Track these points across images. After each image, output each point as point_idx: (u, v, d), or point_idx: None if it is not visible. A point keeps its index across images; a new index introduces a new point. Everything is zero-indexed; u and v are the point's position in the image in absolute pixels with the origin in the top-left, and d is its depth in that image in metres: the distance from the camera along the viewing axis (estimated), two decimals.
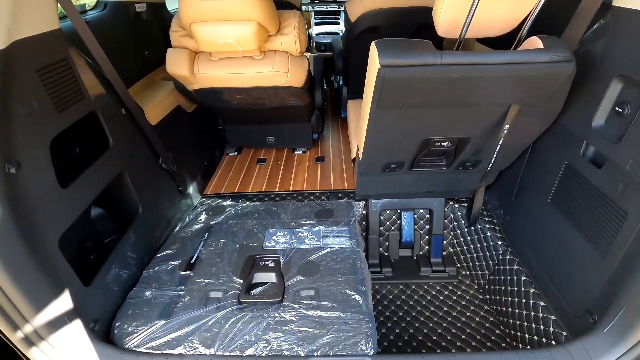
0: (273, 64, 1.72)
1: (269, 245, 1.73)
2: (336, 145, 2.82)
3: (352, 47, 2.42)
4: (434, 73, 1.10)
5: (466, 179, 1.87)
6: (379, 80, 1.13)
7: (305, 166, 2.57)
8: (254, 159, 2.69)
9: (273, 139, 2.65)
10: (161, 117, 1.89)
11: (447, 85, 1.15)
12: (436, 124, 1.39)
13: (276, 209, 1.99)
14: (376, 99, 1.22)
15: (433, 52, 1.09)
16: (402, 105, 1.25)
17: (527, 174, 1.66)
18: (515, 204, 1.76)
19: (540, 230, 1.54)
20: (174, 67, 1.72)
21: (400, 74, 1.10)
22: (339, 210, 1.96)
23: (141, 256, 1.65)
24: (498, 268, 1.83)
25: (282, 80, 1.79)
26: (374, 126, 1.39)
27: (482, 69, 1.09)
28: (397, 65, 1.09)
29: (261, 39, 1.60)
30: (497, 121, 1.37)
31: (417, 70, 1.09)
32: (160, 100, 1.91)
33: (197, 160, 2.34)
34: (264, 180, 2.42)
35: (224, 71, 1.71)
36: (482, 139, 1.49)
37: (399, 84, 1.14)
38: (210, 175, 2.48)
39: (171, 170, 1.89)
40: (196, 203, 2.20)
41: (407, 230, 2.13)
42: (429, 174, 1.82)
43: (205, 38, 1.55)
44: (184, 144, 2.17)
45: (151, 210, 1.73)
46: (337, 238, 1.76)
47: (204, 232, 1.83)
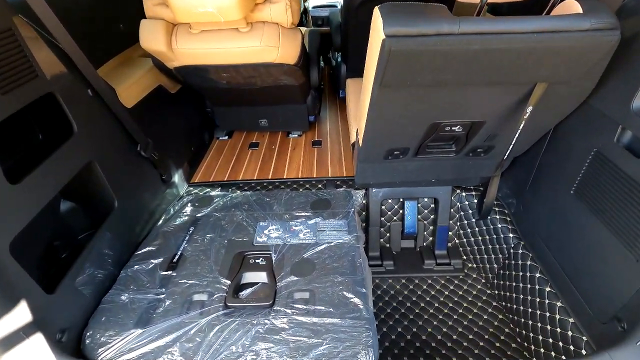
0: (261, 37, 1.51)
1: (260, 240, 1.57)
2: (334, 128, 2.63)
3: (351, 20, 2.20)
4: (450, 44, 0.91)
5: (476, 166, 1.70)
6: (383, 53, 0.94)
7: (301, 151, 2.39)
8: (246, 143, 2.51)
9: (266, 121, 2.46)
10: (138, 99, 1.70)
11: (465, 60, 0.96)
12: (447, 105, 1.21)
13: (268, 199, 1.83)
14: (379, 77, 1.03)
15: (449, 19, 0.90)
16: (409, 85, 1.07)
17: (545, 161, 1.49)
18: (529, 194, 1.60)
19: (560, 224, 1.38)
20: (148, 42, 1.51)
21: (409, 46, 0.92)
22: (336, 201, 1.80)
23: (119, 253, 1.50)
24: (508, 262, 1.69)
25: (272, 56, 1.59)
26: (375, 109, 1.20)
27: (508, 39, 0.90)
28: (405, 35, 0.90)
29: (246, 7, 1.39)
30: (517, 102, 1.19)
31: (429, 41, 0.91)
32: (137, 79, 1.71)
33: (182, 146, 2.16)
34: (256, 166, 2.24)
35: (206, 45, 1.51)
36: (498, 122, 1.32)
37: (407, 58, 0.95)
38: (198, 162, 2.30)
39: (151, 158, 1.71)
40: (182, 192, 2.04)
41: (410, 221, 1.98)
42: (435, 161, 1.65)
43: (181, 6, 1.33)
44: (167, 128, 1.98)
45: (129, 203, 1.57)
46: (335, 232, 1.60)
47: (189, 225, 1.68)
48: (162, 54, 1.58)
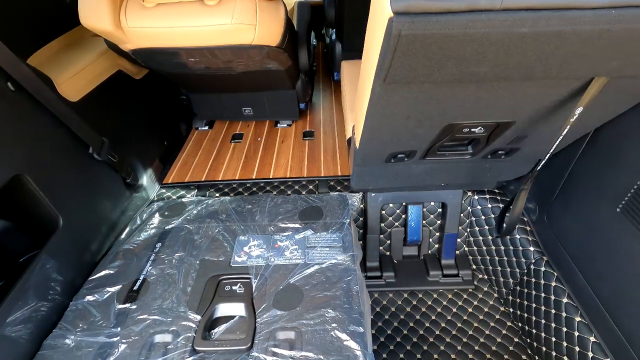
0: (233, 13, 1.20)
1: (238, 261, 1.33)
2: (327, 116, 2.33)
3: None
4: (488, 25, 0.63)
5: (494, 169, 1.44)
6: (389, 38, 0.66)
7: (290, 143, 2.11)
8: (228, 134, 2.22)
9: (250, 110, 2.16)
10: (89, 89, 1.40)
11: (506, 47, 0.68)
12: (468, 104, 0.94)
13: (250, 206, 1.57)
14: (382, 70, 0.75)
15: None
16: (422, 81, 0.79)
17: (581, 168, 1.23)
18: (557, 204, 1.35)
19: (599, 245, 1.14)
20: (89, 19, 1.20)
21: (427, 28, 0.63)
22: (329, 208, 1.54)
23: (69, 279, 1.26)
24: (527, 279, 1.46)
25: (249, 37, 1.28)
26: (376, 108, 0.93)
27: (573, 18, 0.62)
28: (421, 11, 0.62)
29: None
30: (562, 99, 0.92)
31: (457, 20, 0.62)
32: (87, 65, 1.40)
33: (152, 141, 1.87)
34: (239, 163, 1.97)
35: (163, 23, 1.20)
36: (531, 122, 1.04)
37: (423, 46, 0.67)
38: (173, 158, 2.02)
39: (109, 161, 1.44)
40: (152, 196, 1.77)
41: (414, 227, 1.74)
42: (446, 163, 1.38)
43: None
44: (131, 122, 1.69)
45: (79, 218, 1.31)
46: (327, 249, 1.36)
47: (156, 241, 1.43)
48: (109, 34, 1.28)
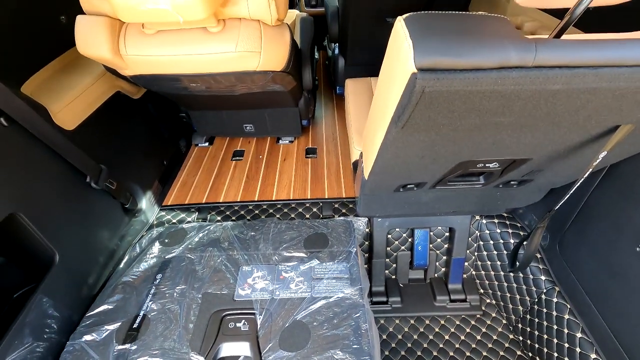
0: (237, 40, 1.15)
1: (242, 294, 1.28)
2: (330, 132, 2.29)
3: (351, 7, 1.83)
4: (518, 82, 0.59)
5: (505, 197, 1.40)
6: (411, 93, 0.62)
7: (292, 161, 2.06)
8: (229, 151, 2.17)
9: (251, 126, 2.11)
10: (86, 115, 1.35)
11: (535, 101, 0.64)
12: (485, 145, 0.90)
13: (253, 233, 1.53)
14: (400, 120, 0.71)
15: (518, 42, 0.57)
16: (441, 128, 0.75)
17: (596, 200, 1.20)
18: (570, 235, 1.31)
19: (618, 284, 1.11)
20: (86, 46, 1.14)
21: (453, 85, 0.59)
22: (334, 234, 1.50)
23: (66, 315, 1.21)
24: (538, 309, 1.42)
25: (253, 64, 1.23)
26: (390, 148, 0.89)
27: (610, 75, 0.58)
28: (447, 68, 0.57)
29: (214, 2, 1.03)
30: (584, 142, 0.88)
31: (485, 78, 0.58)
32: (85, 89, 1.35)
33: (151, 162, 1.82)
34: (240, 183, 1.92)
35: (164, 51, 1.14)
36: (550, 160, 1.01)
37: (447, 100, 0.63)
38: (173, 178, 1.97)
39: (106, 188, 1.38)
40: (152, 219, 1.72)
41: (421, 252, 1.70)
42: (455, 191, 1.35)
43: (120, 1, 0.97)
44: (129, 144, 1.63)
45: (76, 252, 1.25)
46: (334, 280, 1.32)
47: (156, 272, 1.38)
48: (107, 62, 1.22)
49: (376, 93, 0.88)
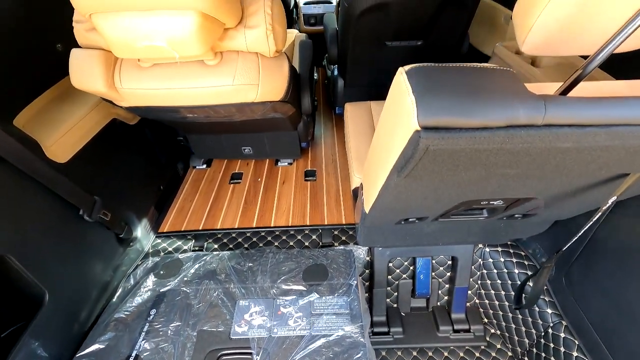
0: (234, 73, 1.13)
1: (239, 331, 1.24)
2: (329, 154, 2.26)
3: (350, 31, 1.81)
4: (527, 141, 0.56)
5: (508, 228, 1.37)
6: (414, 148, 0.59)
7: (291, 185, 2.03)
8: (227, 174, 2.14)
9: (250, 149, 2.08)
10: (80, 145, 1.32)
11: (544, 157, 0.61)
12: (490, 189, 0.87)
13: (250, 263, 1.49)
14: (402, 170, 0.68)
15: (527, 99, 0.54)
16: (445, 177, 0.72)
17: (604, 234, 1.16)
18: (577, 268, 1.28)
19: (628, 322, 1.07)
20: (81, 80, 1.12)
21: (458, 144, 0.56)
22: (334, 265, 1.46)
23: (57, 355, 1.16)
24: (545, 343, 1.38)
25: (251, 96, 1.21)
26: (391, 193, 0.86)
27: (623, 133, 0.55)
28: (452, 127, 0.55)
29: (211, 37, 1.01)
30: (594, 185, 0.85)
31: (492, 136, 0.55)
32: (79, 120, 1.32)
33: (147, 188, 1.78)
34: (238, 208, 1.88)
35: (160, 84, 1.12)
36: (555, 199, 0.98)
37: (451, 156, 0.60)
38: (169, 203, 1.93)
39: (101, 220, 1.35)
40: (147, 248, 1.68)
41: (423, 280, 1.65)
42: (458, 223, 1.31)
43: (115, 38, 0.95)
44: (125, 171, 1.60)
45: (67, 289, 1.21)
46: (334, 317, 1.27)
47: (150, 307, 1.33)
48: (103, 95, 1.20)
49: (377, 134, 0.86)
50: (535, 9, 0.56)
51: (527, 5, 0.59)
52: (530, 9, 0.57)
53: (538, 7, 0.55)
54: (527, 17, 0.58)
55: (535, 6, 0.56)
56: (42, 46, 1.32)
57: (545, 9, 0.54)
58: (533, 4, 0.56)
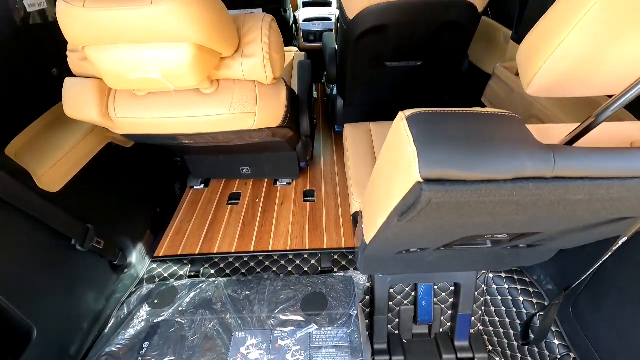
0: (231, 102, 1.11)
1: None
2: (329, 173, 2.24)
3: (350, 51, 1.80)
4: (536, 194, 0.53)
5: (513, 255, 1.33)
6: (416, 199, 0.56)
7: (290, 206, 2.00)
8: (225, 194, 2.10)
9: (248, 169, 2.06)
10: (74, 173, 1.29)
11: (554, 209, 0.58)
12: (494, 227, 0.83)
13: (247, 292, 1.44)
14: (404, 216, 0.65)
15: (535, 151, 0.51)
16: (450, 222, 0.69)
17: (613, 265, 1.12)
18: (585, 298, 1.24)
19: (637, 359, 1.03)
20: (74, 109, 1.10)
21: (463, 196, 0.53)
22: (333, 294, 1.42)
23: None
24: None
25: (249, 123, 1.19)
26: (391, 231, 0.82)
27: (637, 186, 0.52)
28: (456, 180, 0.52)
29: (207, 68, 0.99)
30: (602, 224, 0.82)
31: (498, 189, 0.52)
32: (73, 147, 1.30)
33: (143, 211, 1.75)
34: (236, 231, 1.85)
35: (155, 113, 1.10)
36: (562, 234, 0.94)
37: (456, 207, 0.57)
38: (166, 225, 1.90)
39: (94, 249, 1.31)
40: (142, 273, 1.64)
41: (425, 307, 1.61)
42: (461, 251, 1.27)
43: (108, 70, 0.93)
44: (120, 195, 1.57)
45: (57, 323, 1.17)
46: (333, 350, 1.23)
47: (143, 339, 1.29)
48: (97, 123, 1.17)
49: (378, 171, 0.83)
50: (544, 50, 0.53)
51: (534, 47, 0.56)
52: (537, 51, 0.55)
53: (547, 49, 0.53)
54: (533, 59, 0.56)
55: (544, 48, 0.53)
56: (37, 71, 1.30)
57: (555, 51, 0.52)
58: (541, 45, 0.54)
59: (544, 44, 0.52)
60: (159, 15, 0.82)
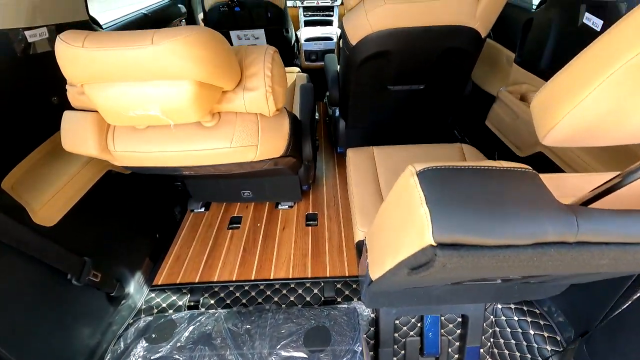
0: (232, 136, 1.08)
1: None
2: (331, 195, 2.20)
3: (352, 76, 1.79)
4: (557, 259, 0.49)
5: (523, 289, 1.28)
6: (428, 262, 0.53)
7: (292, 230, 1.96)
8: (226, 218, 2.07)
9: (249, 192, 2.03)
10: (71, 205, 1.26)
11: (573, 269, 0.54)
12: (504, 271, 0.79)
13: (248, 325, 1.40)
14: (414, 271, 0.61)
15: (557, 214, 0.48)
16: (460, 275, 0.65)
17: (632, 301, 1.08)
18: (600, 335, 1.19)
19: None
20: (73, 143, 1.07)
21: (480, 261, 0.50)
22: (337, 328, 1.37)
23: None
24: None
25: (250, 156, 1.16)
26: (399, 278, 0.78)
27: None
28: (471, 244, 0.48)
29: (208, 104, 0.97)
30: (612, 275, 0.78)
31: (517, 254, 0.49)
32: (71, 178, 1.27)
33: (142, 238, 1.72)
34: (236, 258, 1.81)
35: (155, 147, 1.08)
36: (577, 276, 0.90)
37: (473, 268, 0.53)
38: (165, 251, 1.86)
39: (90, 282, 1.27)
40: (140, 304, 1.59)
41: (432, 339, 1.55)
42: (469, 286, 1.23)
43: (106, 108, 0.91)
44: (118, 224, 1.54)
45: None
46: None
47: None
48: (96, 157, 1.15)
49: (385, 214, 0.80)
50: (564, 105, 0.50)
51: (553, 100, 0.53)
52: (557, 105, 0.52)
53: (567, 104, 0.50)
54: (552, 113, 0.53)
55: (564, 102, 0.50)
56: (37, 101, 1.29)
57: (577, 106, 0.49)
58: (561, 99, 0.51)
59: (565, 98, 0.49)
60: (160, 54, 0.80)
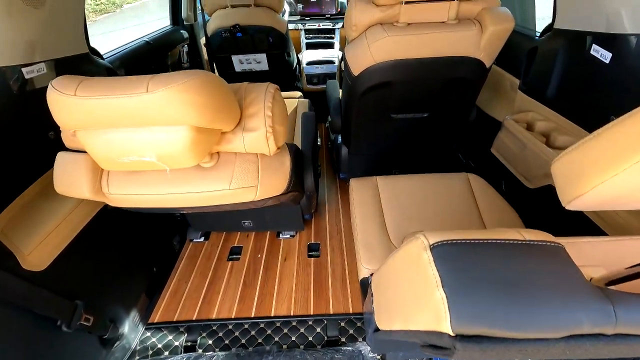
0: (231, 177, 1.04)
1: None
2: (334, 224, 2.15)
3: (354, 105, 1.77)
4: (592, 351, 0.44)
5: None
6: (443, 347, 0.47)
7: (294, 262, 1.90)
8: (226, 248, 2.01)
9: (250, 222, 1.97)
10: (63, 246, 1.21)
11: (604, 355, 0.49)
12: None
13: None
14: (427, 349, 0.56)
15: (591, 302, 0.43)
16: None
17: None
18: None
19: None
20: (65, 186, 1.03)
21: (506, 354, 0.44)
22: None
23: None
24: None
25: (250, 196, 1.12)
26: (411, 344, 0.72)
27: None
28: (492, 336, 0.43)
29: (206, 148, 0.94)
30: None
31: (547, 348, 0.43)
32: (65, 217, 1.23)
33: (138, 273, 1.66)
34: (236, 291, 1.74)
35: (150, 190, 1.04)
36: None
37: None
38: (163, 285, 1.80)
39: (81, 327, 1.21)
40: (134, 344, 1.52)
41: None
42: None
43: (99, 154, 0.88)
44: (114, 261, 1.49)
45: None
46: None
47: None
48: (90, 199, 1.10)
49: (391, 272, 0.74)
50: (592, 178, 0.46)
51: (580, 169, 0.49)
52: (584, 176, 0.47)
53: (596, 178, 0.45)
54: (578, 183, 0.48)
55: (593, 175, 0.46)
56: (33, 136, 1.25)
57: (608, 181, 0.44)
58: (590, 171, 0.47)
59: (593, 171, 0.45)
60: (156, 102, 0.77)
